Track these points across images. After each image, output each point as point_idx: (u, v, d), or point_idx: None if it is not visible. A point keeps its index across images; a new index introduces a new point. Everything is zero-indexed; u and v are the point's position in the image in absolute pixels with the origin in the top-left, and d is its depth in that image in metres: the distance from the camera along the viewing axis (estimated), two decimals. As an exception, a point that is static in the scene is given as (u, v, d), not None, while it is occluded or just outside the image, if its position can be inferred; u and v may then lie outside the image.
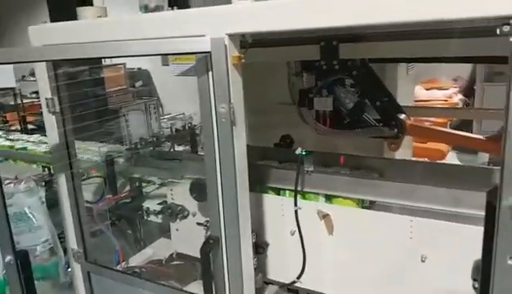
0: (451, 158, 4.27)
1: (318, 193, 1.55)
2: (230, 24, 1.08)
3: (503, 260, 0.66)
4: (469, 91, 5.56)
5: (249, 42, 1.16)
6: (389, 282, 1.39)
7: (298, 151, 1.52)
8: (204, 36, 1.08)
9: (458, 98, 5.57)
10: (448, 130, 1.55)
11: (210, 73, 1.10)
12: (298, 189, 1.53)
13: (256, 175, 1.66)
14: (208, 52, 1.07)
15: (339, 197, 1.50)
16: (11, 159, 2.53)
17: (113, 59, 4.81)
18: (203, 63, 1.10)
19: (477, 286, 1.26)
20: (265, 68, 2.31)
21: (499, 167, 0.95)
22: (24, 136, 2.89)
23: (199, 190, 1.54)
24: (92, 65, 3.14)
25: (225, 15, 1.09)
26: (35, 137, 2.74)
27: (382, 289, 1.41)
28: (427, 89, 5.77)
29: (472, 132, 3.37)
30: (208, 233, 1.44)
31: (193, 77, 1.15)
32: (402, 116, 1.56)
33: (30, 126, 5.32)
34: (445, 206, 1.33)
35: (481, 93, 4.95)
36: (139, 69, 6.37)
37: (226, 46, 1.07)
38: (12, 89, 5.00)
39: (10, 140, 2.75)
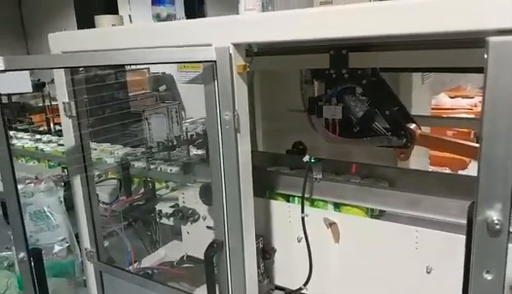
0: (474, 168, 4.16)
1: (326, 201, 1.56)
2: (235, 34, 1.11)
3: (479, 274, 0.66)
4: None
5: (255, 51, 1.19)
6: (394, 291, 1.38)
7: (306, 159, 1.53)
8: (210, 45, 1.11)
9: (483, 106, 5.44)
10: (459, 140, 1.53)
11: (216, 81, 1.12)
12: (307, 196, 1.55)
13: (266, 181, 1.68)
14: (213, 61, 1.10)
15: (347, 205, 1.51)
16: (33, 160, 2.64)
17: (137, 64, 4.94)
18: (209, 71, 1.13)
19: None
20: (280, 75, 2.34)
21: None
22: (45, 138, 3.00)
23: (208, 194, 1.57)
24: (116, 70, 3.25)
25: (231, 25, 1.12)
26: (56, 139, 2.85)
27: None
28: (451, 97, 5.67)
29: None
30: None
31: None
32: (412, 126, 1.55)
33: (58, 128, 5.50)
34: (452, 217, 1.31)
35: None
36: (163, 73, 6.48)
37: (231, 55, 1.09)
38: (41, 92, 5.19)
39: (33, 140, 2.87)
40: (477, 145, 1.54)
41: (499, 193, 0.64)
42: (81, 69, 1.53)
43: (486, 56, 0.62)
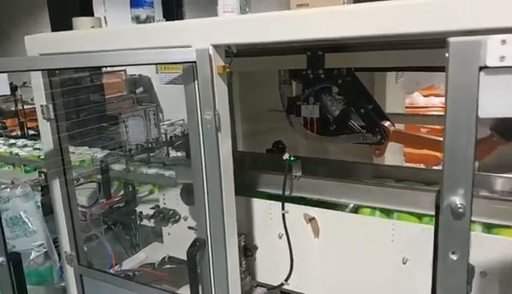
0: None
1: (306, 198, 1.60)
2: (215, 36, 1.13)
3: (446, 255, 0.71)
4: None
5: (234, 52, 1.22)
6: (373, 284, 1.43)
7: (286, 157, 1.57)
8: (190, 46, 1.13)
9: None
10: (431, 136, 1.60)
11: (196, 81, 1.14)
12: (287, 193, 1.58)
13: (246, 180, 1.71)
14: (193, 62, 1.11)
15: (325, 201, 1.55)
16: (8, 165, 2.58)
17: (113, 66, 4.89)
18: (189, 72, 1.14)
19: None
20: (259, 76, 2.38)
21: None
22: (19, 142, 2.94)
23: (189, 195, 1.58)
24: (91, 72, 3.21)
25: (210, 27, 1.14)
26: (31, 143, 2.80)
27: (366, 290, 1.45)
28: (425, 96, 5.82)
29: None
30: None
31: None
32: (387, 123, 1.60)
33: (31, 132, 5.38)
34: (426, 210, 1.37)
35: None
36: (140, 75, 6.41)
37: (210, 56, 1.11)
38: (13, 95, 5.06)
39: (7, 145, 2.81)
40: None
41: (461, 180, 0.69)
42: (57, 71, 1.52)
43: (447, 55, 0.67)
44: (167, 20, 1.60)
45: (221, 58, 1.16)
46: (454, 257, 0.72)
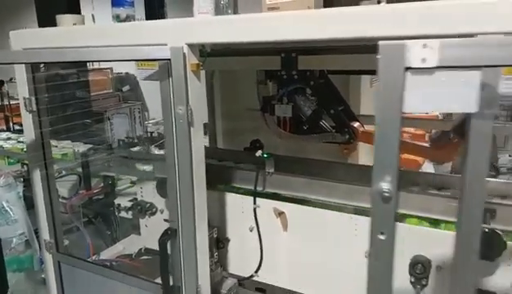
0: (427, 168, 4.42)
1: (277, 193, 1.68)
2: (189, 35, 1.20)
3: (376, 235, 0.80)
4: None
5: (208, 51, 1.29)
6: (337, 275, 1.50)
7: (259, 154, 1.64)
8: (166, 45, 1.20)
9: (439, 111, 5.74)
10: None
11: (171, 78, 1.21)
12: (261, 189, 1.66)
13: (222, 175, 1.78)
14: (168, 59, 1.19)
15: (292, 196, 1.63)
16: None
17: (100, 63, 4.93)
18: (164, 69, 1.21)
19: (413, 280, 1.39)
20: (239, 75, 2.45)
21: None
22: (3, 135, 2.99)
23: (164, 188, 1.65)
24: (78, 69, 3.26)
25: (185, 27, 1.22)
26: (15, 136, 2.84)
27: (331, 281, 1.52)
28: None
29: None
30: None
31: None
32: (356, 124, 1.69)
33: (17, 128, 5.39)
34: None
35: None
36: (127, 73, 6.46)
37: (184, 54, 1.19)
38: (0, 90, 5.08)
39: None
40: (410, 142, 1.70)
41: (388, 168, 0.77)
42: (42, 66, 1.58)
43: (378, 57, 0.75)
44: (149, 19, 1.68)
45: (195, 56, 1.23)
46: (382, 237, 0.81)
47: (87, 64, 4.25)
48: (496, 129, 2.88)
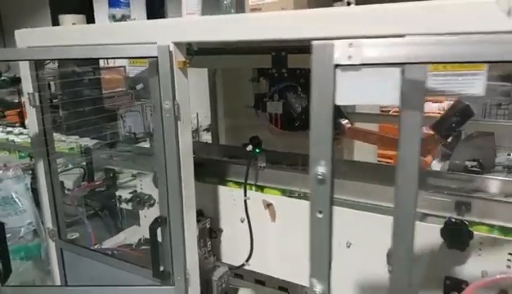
0: (434, 167, 4.42)
1: (267, 186, 1.74)
2: (175, 34, 1.28)
3: (314, 214, 0.87)
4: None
5: (195, 50, 1.36)
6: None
7: (249, 148, 1.71)
8: (155, 43, 1.28)
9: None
10: (381, 133, 1.73)
11: (158, 74, 1.29)
12: (252, 182, 1.73)
13: (218, 169, 1.86)
14: (155, 57, 1.26)
15: (284, 189, 1.69)
16: (5, 151, 2.76)
17: (116, 62, 5.06)
18: (153, 66, 1.29)
19: (391, 269, 1.44)
20: (240, 73, 2.52)
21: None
22: (16, 130, 3.13)
23: (159, 180, 1.73)
24: (92, 67, 3.38)
25: (172, 26, 1.29)
26: (27, 131, 2.97)
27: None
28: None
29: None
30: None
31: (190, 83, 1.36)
32: (344, 121, 1.74)
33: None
34: (370, 199, 1.51)
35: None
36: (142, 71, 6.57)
37: (171, 52, 1.26)
38: (16, 87, 5.27)
39: (5, 132, 3.00)
40: (394, 137, 1.74)
41: (323, 153, 0.84)
42: (53, 63, 1.67)
43: (311, 55, 0.82)
44: (149, 19, 1.77)
45: (182, 54, 1.31)
46: (320, 216, 0.88)
47: (99, 62, 4.37)
48: (497, 128, 2.89)
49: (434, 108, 5.75)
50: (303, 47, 1.67)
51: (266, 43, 1.63)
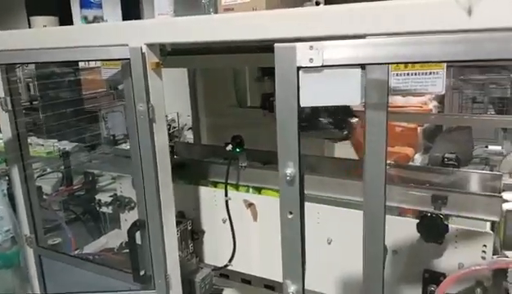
0: (416, 161, 4.48)
1: (249, 186, 1.73)
2: (147, 35, 1.26)
3: (285, 214, 0.87)
4: (443, 98, 5.79)
5: (169, 50, 1.35)
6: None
7: (229, 148, 1.70)
8: (127, 45, 1.26)
9: (432, 104, 5.78)
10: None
11: (131, 76, 1.27)
12: (233, 182, 1.72)
13: (199, 170, 1.84)
14: (128, 59, 1.24)
15: (264, 188, 1.69)
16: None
17: (96, 63, 4.98)
18: (126, 68, 1.27)
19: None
20: (220, 74, 2.51)
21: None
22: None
23: (139, 182, 1.71)
24: (65, 68, 3.32)
25: (143, 28, 1.27)
26: (1, 136, 2.90)
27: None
28: (403, 95, 5.98)
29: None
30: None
31: (172, 83, 1.33)
32: (354, 120, 1.73)
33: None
34: (350, 195, 1.51)
35: (449, 100, 5.28)
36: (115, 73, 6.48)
37: (144, 53, 1.24)
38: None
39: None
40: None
41: (290, 155, 0.84)
42: (19, 66, 1.63)
43: (275, 58, 0.82)
44: (124, 20, 1.74)
45: (155, 55, 1.29)
46: (290, 216, 0.88)
47: (79, 63, 4.30)
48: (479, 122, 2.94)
49: (414, 101, 5.84)
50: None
51: (245, 43, 1.61)
